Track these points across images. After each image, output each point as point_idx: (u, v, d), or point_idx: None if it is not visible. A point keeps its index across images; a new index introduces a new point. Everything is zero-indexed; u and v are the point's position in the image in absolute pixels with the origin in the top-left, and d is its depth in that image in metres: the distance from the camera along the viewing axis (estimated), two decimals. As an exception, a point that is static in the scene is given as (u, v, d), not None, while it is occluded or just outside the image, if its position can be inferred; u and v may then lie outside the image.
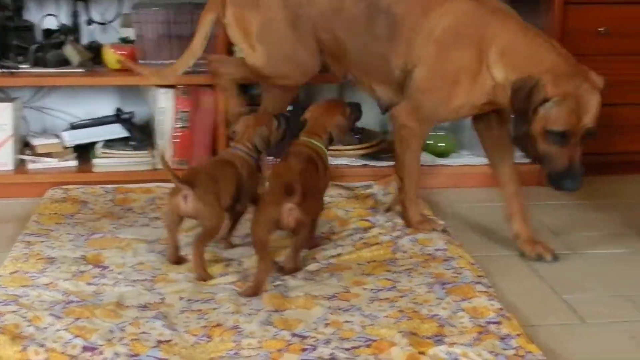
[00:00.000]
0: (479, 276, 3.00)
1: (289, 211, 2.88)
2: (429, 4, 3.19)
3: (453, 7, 3.17)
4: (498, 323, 2.68)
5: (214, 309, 2.78)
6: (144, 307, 2.78)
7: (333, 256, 3.16)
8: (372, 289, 2.91)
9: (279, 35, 3.42)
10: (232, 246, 3.23)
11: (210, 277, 2.98)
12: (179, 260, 3.09)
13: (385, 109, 3.42)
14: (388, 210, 3.56)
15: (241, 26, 3.47)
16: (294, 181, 2.88)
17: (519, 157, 4.13)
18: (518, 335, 2.62)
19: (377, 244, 3.26)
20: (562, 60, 3.03)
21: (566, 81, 2.96)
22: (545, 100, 2.94)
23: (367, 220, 3.49)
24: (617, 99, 4.15)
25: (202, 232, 3.01)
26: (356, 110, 3.33)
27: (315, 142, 3.17)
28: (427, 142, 4.14)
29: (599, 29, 4.07)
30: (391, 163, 4.02)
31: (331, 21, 3.33)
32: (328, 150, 3.22)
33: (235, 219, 3.22)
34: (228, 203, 3.09)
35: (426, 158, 4.09)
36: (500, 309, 2.76)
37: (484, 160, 4.08)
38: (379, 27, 3.25)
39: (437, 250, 3.21)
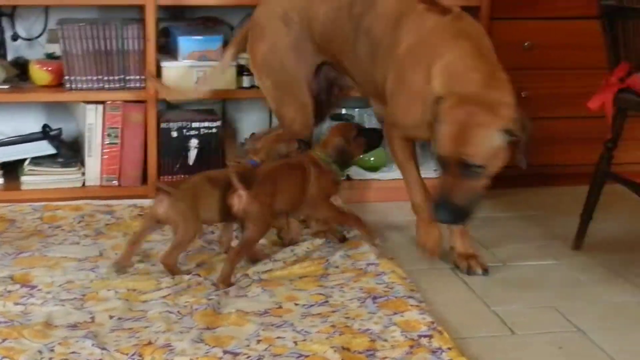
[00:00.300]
0: (411, 290, 3.02)
1: (239, 197, 3.04)
2: (400, 20, 3.19)
3: (418, 24, 3.13)
4: (429, 337, 2.70)
5: (145, 327, 2.75)
6: (74, 326, 2.74)
7: (264, 272, 3.16)
8: (304, 305, 2.91)
9: (281, 62, 3.47)
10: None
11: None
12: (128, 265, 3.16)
13: None
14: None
15: (252, 57, 3.55)
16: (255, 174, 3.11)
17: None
18: (449, 348, 2.64)
19: (308, 259, 3.26)
20: (481, 86, 2.91)
21: (463, 107, 2.84)
22: (439, 120, 2.88)
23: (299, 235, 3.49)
24: (543, 113, 4.23)
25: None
26: (367, 134, 3.42)
27: (319, 154, 3.30)
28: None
29: (524, 44, 4.14)
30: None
31: (330, 43, 3.35)
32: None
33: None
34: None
35: (357, 172, 4.11)
36: (432, 322, 2.79)
37: (413, 174, 4.14)
38: (363, 46, 3.27)
39: (368, 264, 3.22)
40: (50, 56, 4.07)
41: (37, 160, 3.96)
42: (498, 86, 2.95)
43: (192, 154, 3.99)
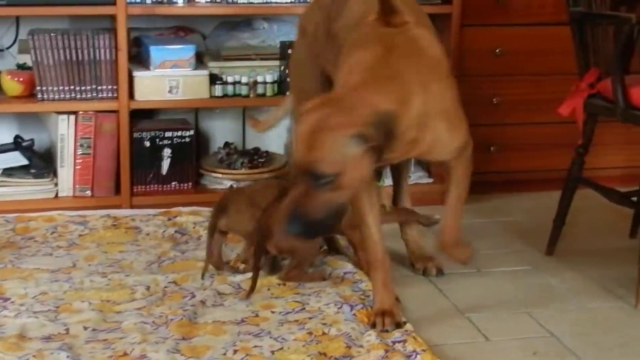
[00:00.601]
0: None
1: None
2: (353, 30, 3.05)
3: (359, 33, 2.89)
4: (403, 341, 2.71)
5: (120, 338, 2.74)
6: (48, 338, 2.73)
7: (242, 281, 3.15)
8: (280, 312, 2.91)
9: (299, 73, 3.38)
10: None
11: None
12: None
13: None
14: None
15: None
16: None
17: (421, 177, 4.23)
18: (424, 350, 2.66)
19: (284, 268, 3.26)
20: (357, 88, 2.59)
21: (319, 109, 2.54)
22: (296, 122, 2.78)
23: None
24: (514, 119, 4.27)
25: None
26: None
27: None
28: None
29: (496, 50, 4.16)
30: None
31: (326, 53, 3.18)
32: None
33: None
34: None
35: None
36: (406, 330, 2.80)
37: (387, 182, 4.16)
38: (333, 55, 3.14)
39: (345, 273, 3.22)
40: (22, 67, 4.05)
41: (9, 172, 3.93)
42: (379, 91, 2.57)
43: (166, 164, 3.98)
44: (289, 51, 3.94)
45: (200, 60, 4.07)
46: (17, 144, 4.02)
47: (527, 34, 4.22)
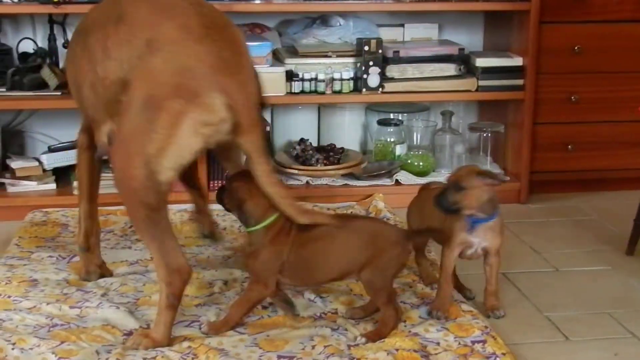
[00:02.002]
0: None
1: None
2: None
3: None
4: (483, 342, 2.69)
5: (199, 329, 2.77)
6: (129, 333, 2.77)
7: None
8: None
9: None
10: None
11: None
12: None
13: None
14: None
15: None
16: None
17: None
18: (504, 354, 2.63)
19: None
20: None
21: None
22: None
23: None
24: (593, 117, 4.21)
25: None
26: None
27: None
28: (407, 161, 4.18)
29: (574, 48, 4.11)
30: (371, 183, 4.06)
31: None
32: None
33: None
34: None
35: (406, 177, 4.11)
36: (485, 327, 2.77)
37: (463, 179, 4.13)
38: None
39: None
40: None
41: (88, 166, 3.99)
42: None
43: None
44: (365, 47, 3.95)
45: (276, 57, 4.09)
46: (96, 139, 4.07)
47: (606, 31, 4.16)
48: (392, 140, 4.24)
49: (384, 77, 4.05)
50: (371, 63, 3.99)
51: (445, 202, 2.81)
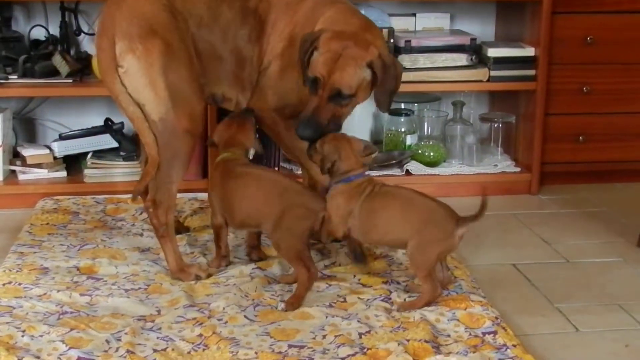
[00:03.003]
0: (474, 287, 3.01)
1: None
2: (289, 3, 3.19)
3: (304, 4, 3.19)
4: (494, 333, 2.69)
5: (209, 317, 2.77)
6: (140, 317, 2.78)
7: (327, 266, 3.17)
8: (368, 299, 2.91)
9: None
10: None
11: None
12: None
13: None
14: None
15: None
16: None
17: (508, 166, 4.18)
18: (514, 345, 2.62)
19: (370, 254, 3.25)
20: (353, 29, 3.05)
21: (338, 41, 2.96)
22: (316, 48, 2.97)
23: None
24: (604, 108, 4.19)
25: None
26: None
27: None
28: (417, 151, 4.17)
29: (587, 38, 4.09)
30: (382, 173, 4.05)
31: (210, 27, 3.15)
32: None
33: None
34: None
35: (416, 167, 4.10)
36: (496, 317, 2.77)
37: (473, 170, 4.14)
38: (249, 27, 3.18)
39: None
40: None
41: (99, 154, 4.01)
42: (372, 32, 3.11)
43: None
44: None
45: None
46: (107, 127, 4.09)
47: (619, 22, 4.14)
48: (402, 130, 4.23)
49: (395, 67, 4.04)
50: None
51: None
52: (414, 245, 2.84)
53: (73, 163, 4.04)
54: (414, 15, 4.36)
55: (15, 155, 4.04)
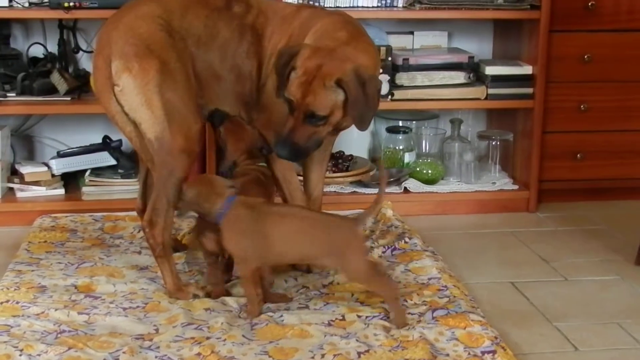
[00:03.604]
0: (473, 306, 2.99)
1: None
2: (285, 17, 3.20)
3: (299, 15, 3.19)
4: (493, 352, 2.68)
5: (207, 337, 2.76)
6: (138, 336, 2.77)
7: (325, 285, 3.16)
8: (367, 317, 2.90)
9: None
10: None
11: None
12: None
13: None
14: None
15: None
16: None
17: (506, 183, 4.18)
18: (514, 364, 2.63)
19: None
20: (336, 44, 2.99)
21: (314, 59, 2.91)
22: (294, 68, 2.95)
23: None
24: (602, 126, 4.20)
25: None
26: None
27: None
28: (415, 169, 4.17)
29: (584, 56, 4.11)
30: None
31: (208, 46, 3.16)
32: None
33: None
34: None
35: (414, 185, 4.11)
36: (495, 337, 2.76)
37: (472, 187, 4.14)
38: (247, 44, 3.17)
39: (430, 279, 3.20)
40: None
41: (97, 171, 4.01)
42: (357, 45, 3.04)
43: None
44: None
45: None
46: (105, 144, 4.09)
47: (616, 40, 4.16)
48: (400, 147, 4.24)
49: (393, 85, 4.05)
50: (380, 70, 3.98)
51: None
52: (335, 261, 2.86)
53: (71, 180, 4.04)
54: (412, 33, 4.37)
55: (13, 173, 4.04)
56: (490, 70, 4.12)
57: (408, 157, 4.22)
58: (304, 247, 2.88)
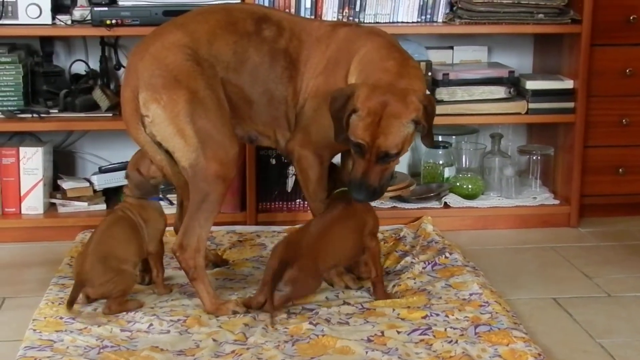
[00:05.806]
0: (515, 323, 2.97)
1: None
2: (319, 38, 3.19)
3: (336, 36, 3.18)
4: (536, 368, 2.66)
5: (247, 348, 2.77)
6: (179, 352, 2.78)
7: (367, 302, 3.15)
8: (407, 332, 2.89)
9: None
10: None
11: None
12: None
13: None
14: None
15: None
16: None
17: (547, 198, 4.15)
18: (556, 380, 2.60)
19: (408, 289, 3.24)
20: (389, 77, 3.02)
21: (376, 99, 2.94)
22: (355, 110, 2.95)
23: (398, 264, 3.49)
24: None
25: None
26: None
27: None
28: (455, 183, 4.16)
29: (626, 70, 4.07)
30: (420, 205, 4.05)
31: (237, 72, 3.15)
32: None
33: None
34: None
35: (454, 200, 4.09)
36: (539, 354, 2.74)
37: (512, 202, 4.11)
38: (280, 69, 3.17)
39: (471, 294, 3.18)
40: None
41: (138, 187, 4.03)
42: (409, 74, 3.07)
43: (290, 181, 4.02)
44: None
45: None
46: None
47: (658, 54, 4.12)
48: (440, 162, 4.23)
49: (433, 100, 4.04)
50: (423, 86, 3.99)
51: None
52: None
53: (112, 196, 4.07)
54: (452, 48, 4.37)
55: (55, 189, 4.08)
56: (531, 85, 4.09)
57: (448, 172, 4.21)
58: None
